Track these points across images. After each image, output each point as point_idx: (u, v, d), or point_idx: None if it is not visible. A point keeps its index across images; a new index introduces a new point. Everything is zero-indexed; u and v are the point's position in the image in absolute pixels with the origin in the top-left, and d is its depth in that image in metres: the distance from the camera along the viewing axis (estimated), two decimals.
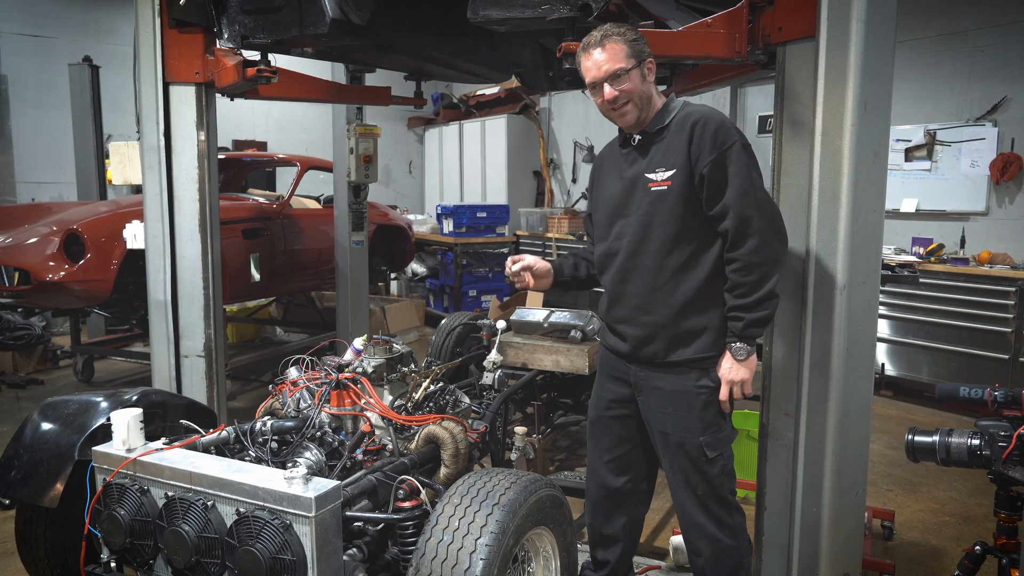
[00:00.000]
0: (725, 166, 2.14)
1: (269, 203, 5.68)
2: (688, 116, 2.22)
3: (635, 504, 2.57)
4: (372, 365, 2.62)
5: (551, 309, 4.14)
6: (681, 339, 2.26)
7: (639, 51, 2.20)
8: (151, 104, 3.20)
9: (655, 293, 2.27)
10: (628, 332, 2.35)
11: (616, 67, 2.18)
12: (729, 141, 2.15)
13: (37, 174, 8.27)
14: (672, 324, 2.26)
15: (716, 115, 2.21)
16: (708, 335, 2.25)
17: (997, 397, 2.19)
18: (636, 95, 2.21)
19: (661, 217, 2.23)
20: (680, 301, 2.24)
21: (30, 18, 8.18)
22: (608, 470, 2.53)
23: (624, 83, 2.19)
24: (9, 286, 4.65)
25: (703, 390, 2.26)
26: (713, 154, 2.14)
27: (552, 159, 9.88)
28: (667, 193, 2.21)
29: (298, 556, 1.89)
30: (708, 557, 2.35)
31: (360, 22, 3.05)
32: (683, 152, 2.18)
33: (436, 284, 8.91)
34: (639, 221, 2.27)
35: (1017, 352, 5.12)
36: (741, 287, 2.15)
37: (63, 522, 2.40)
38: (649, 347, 2.31)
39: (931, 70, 6.07)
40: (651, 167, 2.25)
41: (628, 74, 2.18)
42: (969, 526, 3.58)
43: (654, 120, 2.28)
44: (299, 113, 10.07)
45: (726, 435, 2.31)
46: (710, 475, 2.28)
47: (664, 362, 2.29)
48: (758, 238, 2.12)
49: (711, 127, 2.16)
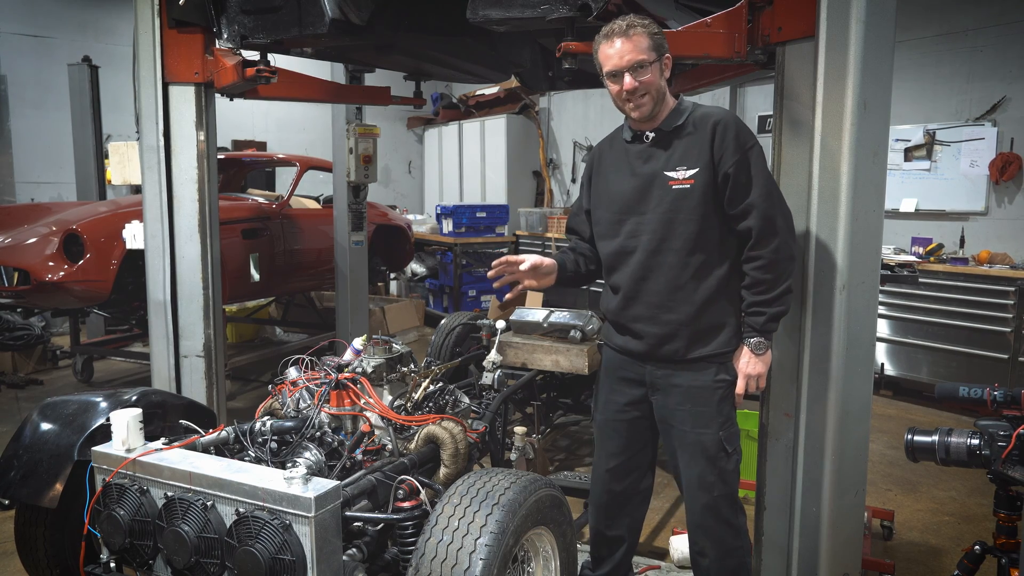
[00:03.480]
0: (749, 166, 2.18)
1: (268, 203, 5.68)
2: (707, 116, 2.25)
3: (638, 504, 2.59)
4: (371, 365, 2.62)
5: (550, 309, 4.14)
6: (702, 336, 2.29)
7: (660, 45, 2.23)
8: (150, 104, 3.20)
9: (677, 291, 2.28)
10: (646, 330, 2.35)
11: (639, 57, 2.19)
12: (751, 142, 2.21)
13: (36, 174, 8.27)
14: (694, 321, 2.28)
15: (734, 117, 2.27)
16: (727, 331, 2.30)
17: (996, 397, 2.19)
18: (654, 88, 2.23)
19: (684, 215, 2.24)
20: (702, 298, 2.27)
21: (29, 18, 8.17)
22: (613, 475, 2.54)
23: (645, 75, 2.21)
24: (8, 286, 4.65)
25: (721, 384, 2.30)
26: (737, 155, 2.18)
27: (551, 159, 9.88)
28: (690, 191, 2.23)
29: (298, 556, 1.89)
30: (713, 558, 2.37)
31: (359, 22, 3.04)
32: (706, 152, 2.21)
33: (435, 284, 8.91)
34: (660, 219, 2.28)
35: (1016, 352, 5.12)
36: (763, 284, 2.20)
37: (62, 522, 2.40)
38: (669, 345, 2.32)
39: (930, 70, 6.07)
40: (670, 165, 2.27)
41: (650, 66, 2.21)
42: (968, 526, 3.58)
43: (668, 118, 2.29)
44: (298, 113, 10.06)
45: (738, 430, 2.37)
46: (727, 471, 2.31)
47: (685, 359, 2.31)
48: (780, 237, 2.18)
49: (733, 128, 2.21)
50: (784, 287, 2.20)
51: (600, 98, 9.07)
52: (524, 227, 8.92)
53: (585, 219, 2.56)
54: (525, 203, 9.71)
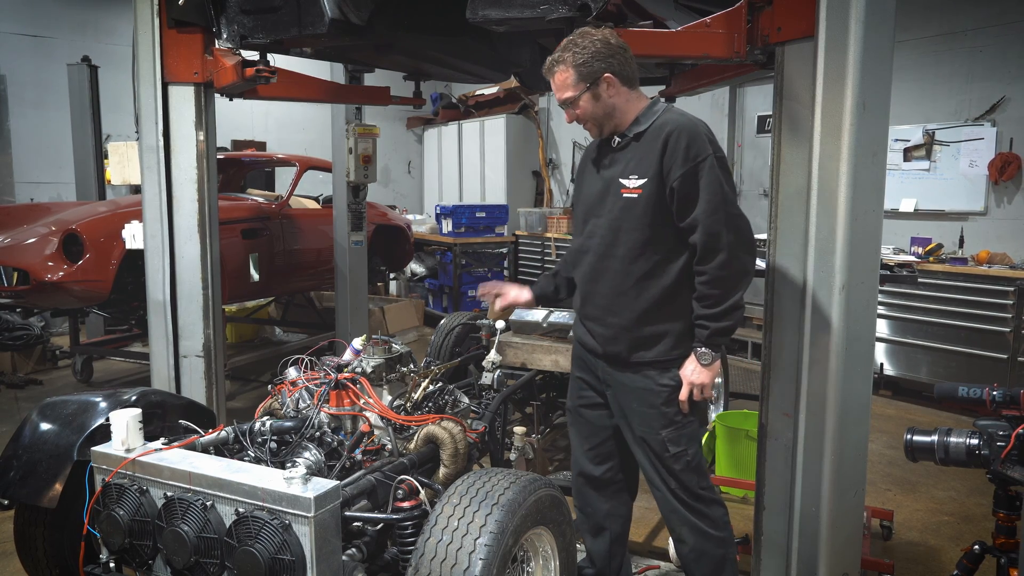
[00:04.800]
0: (696, 180, 2.15)
1: (268, 203, 5.68)
2: (664, 125, 2.22)
3: (614, 492, 2.62)
4: (371, 365, 2.62)
5: (550, 309, 4.14)
6: (643, 342, 2.32)
7: (591, 72, 2.21)
8: (150, 104, 3.20)
9: (620, 296, 2.32)
10: (595, 330, 2.43)
11: (565, 96, 2.26)
12: (702, 154, 2.16)
13: (36, 174, 8.26)
14: (635, 327, 2.31)
15: (692, 126, 2.20)
16: (669, 339, 2.31)
17: (996, 397, 2.19)
18: (590, 116, 2.28)
19: (630, 224, 2.26)
20: (642, 307, 2.29)
21: (29, 18, 8.17)
22: (588, 458, 2.60)
23: (576, 108, 2.27)
24: (8, 286, 4.65)
25: (664, 388, 2.32)
26: (685, 167, 2.15)
27: (551, 159, 9.88)
28: (637, 201, 2.24)
29: (297, 556, 1.89)
30: (692, 545, 2.40)
31: (359, 22, 3.04)
32: (655, 162, 2.20)
33: (435, 284, 8.91)
34: (608, 224, 2.31)
35: (1015, 352, 5.12)
36: (708, 299, 2.21)
37: (62, 522, 2.40)
38: (612, 347, 2.37)
39: (930, 70, 6.07)
40: (625, 172, 2.28)
41: (577, 100, 2.25)
42: (968, 525, 3.59)
43: (632, 125, 2.30)
44: (298, 113, 10.06)
45: (690, 431, 2.35)
46: (675, 470, 2.34)
47: (628, 362, 2.35)
48: (726, 252, 2.16)
49: (684, 139, 2.16)
50: (730, 303, 2.20)
51: None
52: (523, 227, 8.92)
53: None
54: (524, 203, 9.71)
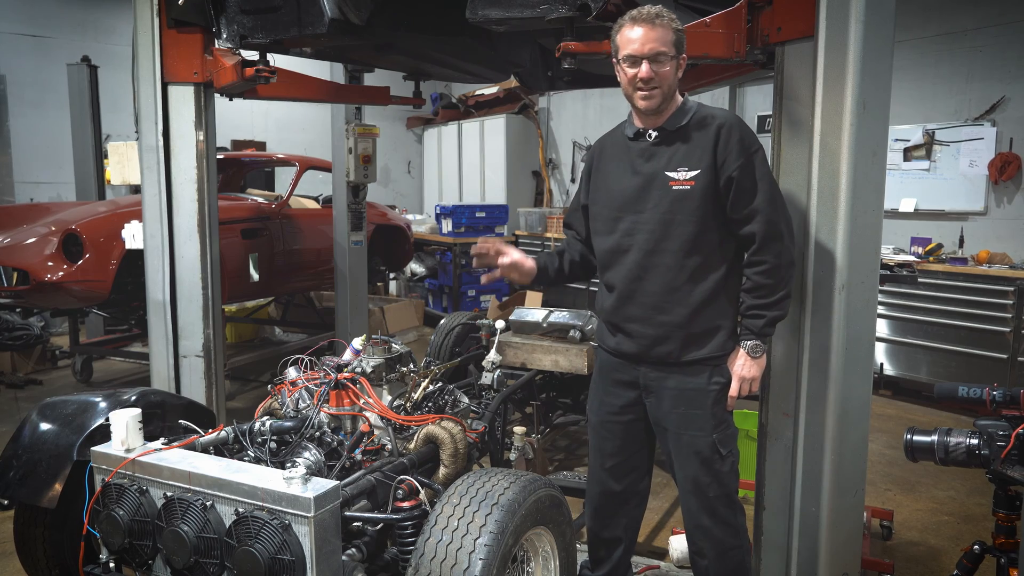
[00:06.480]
0: (753, 171, 2.18)
1: (268, 203, 5.67)
2: (711, 118, 2.23)
3: (635, 505, 2.57)
4: (371, 365, 2.62)
5: (550, 309, 4.14)
6: (696, 339, 2.28)
7: (681, 43, 2.21)
8: (150, 104, 3.20)
9: (673, 292, 2.27)
10: (640, 331, 2.33)
11: (661, 48, 2.15)
12: (755, 147, 2.20)
13: (35, 174, 8.26)
14: (688, 324, 2.27)
15: (738, 119, 2.25)
16: (722, 334, 2.28)
17: (995, 396, 2.19)
18: (667, 83, 2.20)
19: (683, 216, 2.23)
20: (697, 301, 2.25)
21: (28, 18, 8.17)
22: (610, 475, 2.52)
23: (663, 67, 2.17)
24: (8, 286, 4.65)
25: (715, 387, 2.28)
26: (741, 159, 2.17)
27: (551, 159, 9.88)
28: (690, 193, 2.22)
29: (297, 556, 1.89)
30: (712, 559, 2.37)
31: (359, 22, 3.04)
32: (708, 154, 2.20)
33: (435, 284, 8.91)
34: (658, 219, 2.26)
35: (1015, 351, 5.12)
36: (764, 288, 2.19)
37: (62, 522, 2.40)
38: (662, 347, 2.30)
39: (930, 70, 6.07)
40: (672, 165, 2.25)
41: (669, 60, 2.18)
42: (968, 525, 3.59)
43: (672, 118, 2.27)
44: (298, 113, 10.06)
45: (733, 432, 2.36)
46: (722, 473, 2.30)
47: (678, 362, 2.30)
48: (782, 242, 2.18)
49: (736, 132, 2.19)
50: (784, 292, 2.21)
51: (599, 98, 9.07)
52: (523, 227, 8.92)
53: (582, 215, 2.54)
54: (524, 203, 9.71)
